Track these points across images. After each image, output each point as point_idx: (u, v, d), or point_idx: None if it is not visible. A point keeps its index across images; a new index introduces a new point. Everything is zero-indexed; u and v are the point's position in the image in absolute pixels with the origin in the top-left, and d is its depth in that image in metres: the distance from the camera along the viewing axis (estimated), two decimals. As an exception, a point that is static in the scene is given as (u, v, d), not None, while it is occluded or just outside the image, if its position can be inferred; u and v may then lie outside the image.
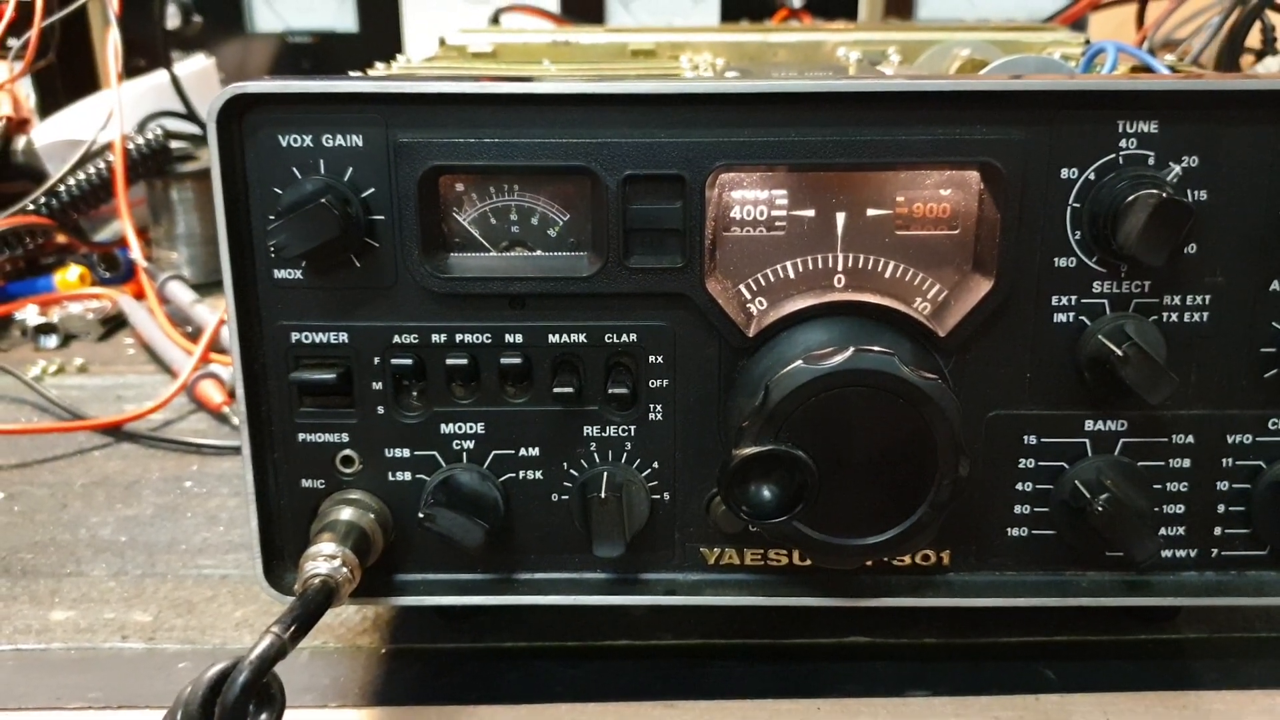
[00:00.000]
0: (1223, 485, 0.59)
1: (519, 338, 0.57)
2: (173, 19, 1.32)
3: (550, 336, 0.57)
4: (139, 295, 1.17)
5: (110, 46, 1.17)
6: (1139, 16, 1.32)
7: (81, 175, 1.17)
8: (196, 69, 1.47)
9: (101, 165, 1.18)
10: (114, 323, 1.19)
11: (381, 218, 0.55)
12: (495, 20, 1.46)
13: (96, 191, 1.18)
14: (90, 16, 1.54)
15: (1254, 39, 1.15)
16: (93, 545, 0.79)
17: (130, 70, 1.45)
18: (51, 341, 1.15)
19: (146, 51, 1.43)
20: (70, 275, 1.20)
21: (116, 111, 1.14)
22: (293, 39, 1.64)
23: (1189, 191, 0.54)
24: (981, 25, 1.14)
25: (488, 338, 0.57)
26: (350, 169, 0.54)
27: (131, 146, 1.17)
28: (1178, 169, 0.54)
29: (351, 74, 0.68)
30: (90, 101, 1.36)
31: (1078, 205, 0.55)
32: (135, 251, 1.14)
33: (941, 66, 0.86)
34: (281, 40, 1.64)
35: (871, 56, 0.87)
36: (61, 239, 1.25)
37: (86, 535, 0.80)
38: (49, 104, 1.45)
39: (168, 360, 1.07)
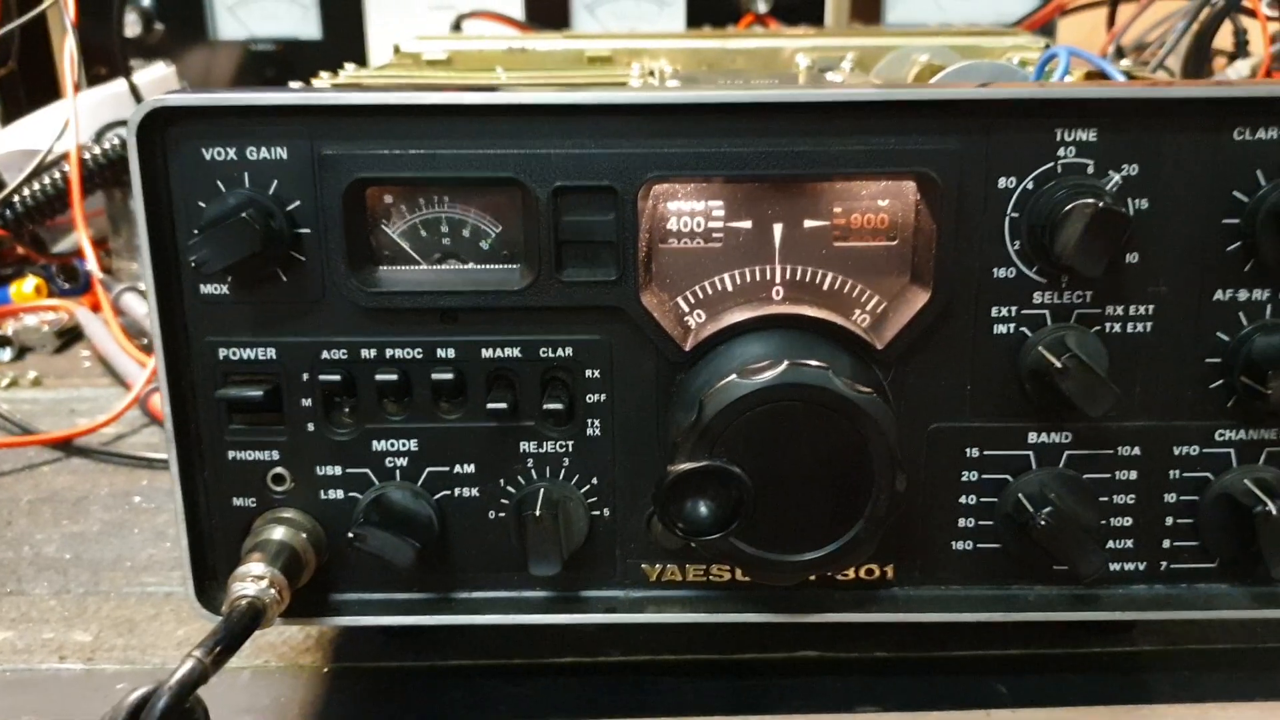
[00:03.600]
0: (1170, 498, 0.59)
1: (451, 352, 0.56)
2: (133, 27, 1.31)
3: (483, 351, 0.56)
4: (96, 307, 1.15)
5: (66, 55, 1.16)
6: (1109, 20, 1.32)
7: (37, 185, 1.16)
8: (157, 77, 1.45)
9: (57, 175, 1.16)
10: (70, 335, 1.17)
11: (307, 231, 0.54)
12: (457, 27, 1.45)
13: (52, 202, 1.16)
14: (51, 24, 1.53)
15: (1227, 42, 1.15)
16: (35, 563, 0.78)
17: (92, 79, 1.44)
18: (5, 354, 1.13)
19: (108, 59, 1.42)
20: (26, 287, 1.19)
21: (72, 120, 1.13)
22: (256, 47, 1.62)
23: (1129, 200, 0.54)
24: (944, 30, 1.13)
25: (419, 353, 0.56)
26: (275, 182, 0.53)
27: (88, 156, 1.15)
28: (1117, 178, 0.53)
29: (292, 85, 0.68)
30: (49, 110, 1.34)
31: (1016, 215, 0.54)
32: (92, 262, 1.12)
33: (900, 72, 0.85)
34: (244, 48, 1.63)
35: (826, 63, 0.86)
36: (20, 250, 1.24)
37: (30, 553, 0.79)
38: (11, 112, 1.43)
39: (122, 373, 1.05)
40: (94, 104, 1.30)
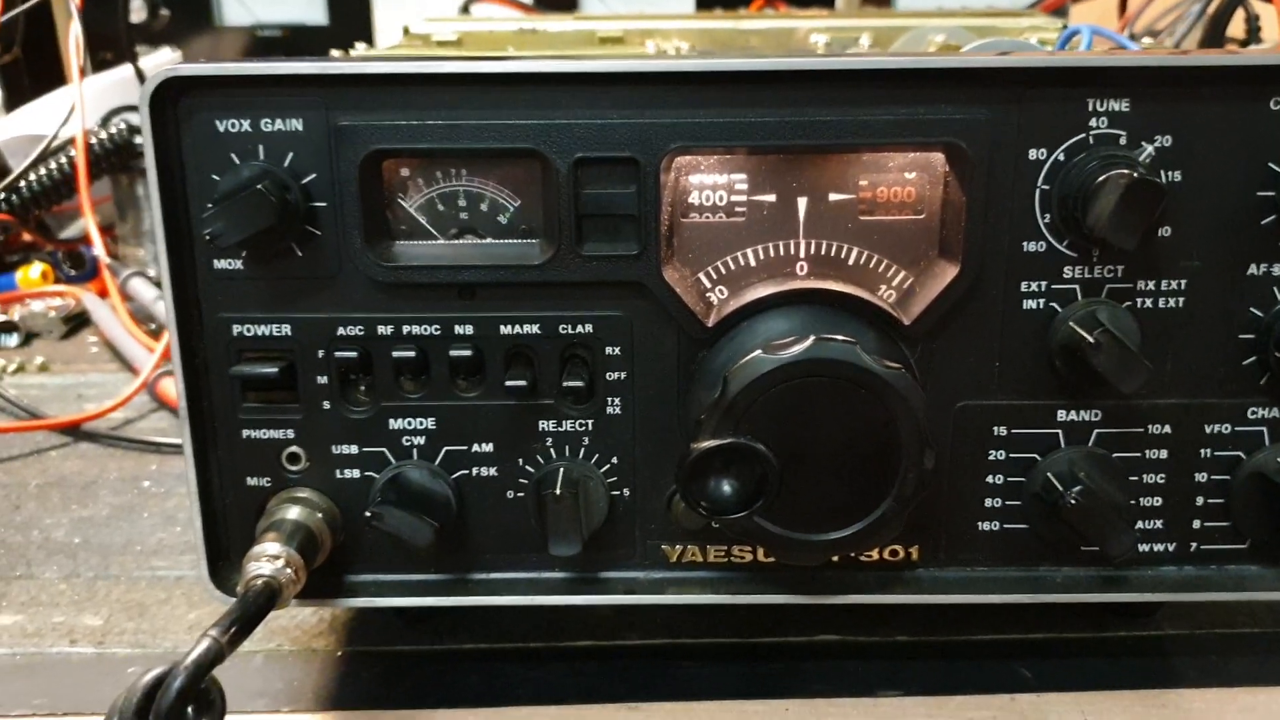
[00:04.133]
0: (1201, 477, 0.58)
1: (469, 329, 0.55)
2: (139, 12, 1.30)
3: (502, 327, 0.55)
4: (103, 293, 1.14)
5: (71, 40, 1.14)
6: (1121, 6, 1.30)
7: (43, 171, 1.15)
8: (162, 63, 1.44)
9: (64, 160, 1.15)
10: (77, 320, 1.16)
11: (323, 204, 0.53)
12: (465, 10, 1.44)
13: (59, 187, 1.15)
14: (56, 10, 1.52)
15: (1239, 30, 1.14)
16: (45, 547, 0.77)
17: (98, 64, 1.43)
18: (12, 340, 1.12)
19: (114, 45, 1.40)
20: (33, 273, 1.18)
21: (78, 106, 1.11)
22: (262, 33, 1.61)
23: (1162, 172, 0.52)
24: (960, 11, 1.12)
25: (436, 329, 0.55)
26: (290, 154, 0.52)
27: (94, 141, 1.14)
28: (1150, 149, 0.52)
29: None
30: (54, 96, 1.33)
31: (1047, 187, 0.53)
32: (98, 247, 1.11)
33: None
34: (251, 34, 1.61)
35: (843, 42, 0.85)
36: (27, 236, 1.23)
37: (39, 537, 0.78)
38: (15, 99, 1.42)
39: (130, 358, 1.04)
40: (99, 90, 1.29)
